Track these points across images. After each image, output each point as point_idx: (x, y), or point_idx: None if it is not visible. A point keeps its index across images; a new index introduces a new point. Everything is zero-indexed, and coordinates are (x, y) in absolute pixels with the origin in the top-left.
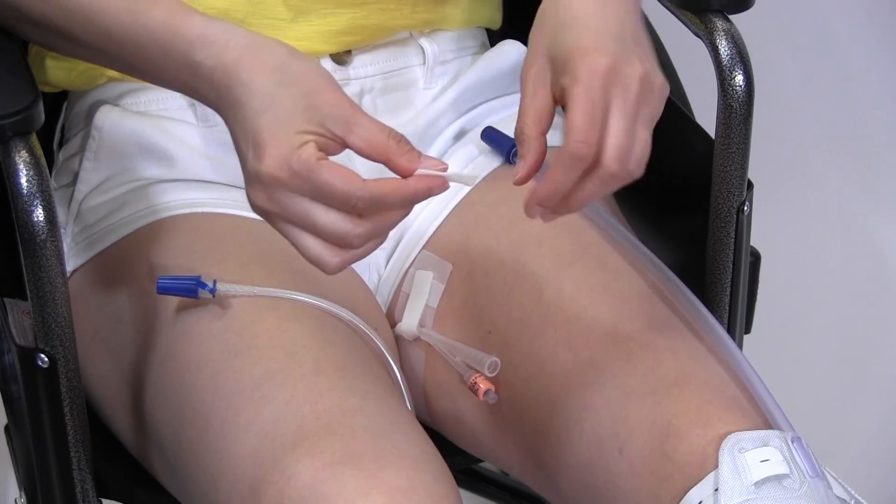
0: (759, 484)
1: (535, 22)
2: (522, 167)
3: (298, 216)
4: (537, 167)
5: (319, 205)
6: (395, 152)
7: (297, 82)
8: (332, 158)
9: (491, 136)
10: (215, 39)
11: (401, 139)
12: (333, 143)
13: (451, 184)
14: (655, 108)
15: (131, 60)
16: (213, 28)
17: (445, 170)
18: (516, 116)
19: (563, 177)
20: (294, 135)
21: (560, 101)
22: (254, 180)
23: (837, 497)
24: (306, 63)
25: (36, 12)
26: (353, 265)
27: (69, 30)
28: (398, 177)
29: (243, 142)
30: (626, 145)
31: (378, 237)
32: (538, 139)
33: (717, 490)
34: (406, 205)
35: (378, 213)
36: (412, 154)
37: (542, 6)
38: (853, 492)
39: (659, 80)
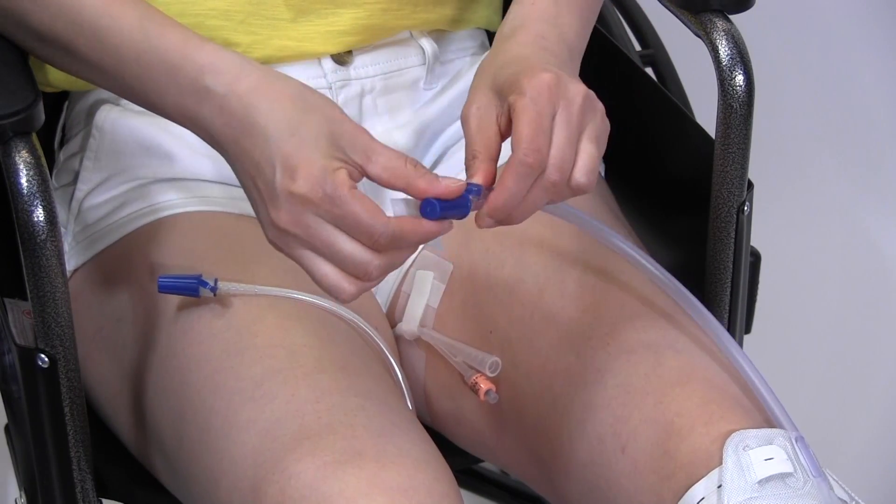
0: (762, 482)
1: (475, 74)
2: (476, 179)
3: (323, 242)
4: (490, 183)
5: (343, 234)
6: (414, 176)
7: (317, 110)
8: None
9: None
10: (227, 68)
11: (416, 164)
12: (356, 172)
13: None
14: (600, 126)
15: (132, 81)
16: (225, 57)
17: (463, 188)
18: None
19: (514, 186)
20: (325, 159)
21: (505, 133)
22: (281, 201)
23: (839, 498)
24: (320, 94)
25: (42, 25)
26: None
27: (74, 45)
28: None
29: (266, 165)
30: (569, 155)
31: (392, 270)
32: (489, 162)
33: (720, 487)
34: (420, 243)
35: (395, 249)
36: (429, 177)
37: (479, 64)
38: (853, 494)
39: (601, 103)
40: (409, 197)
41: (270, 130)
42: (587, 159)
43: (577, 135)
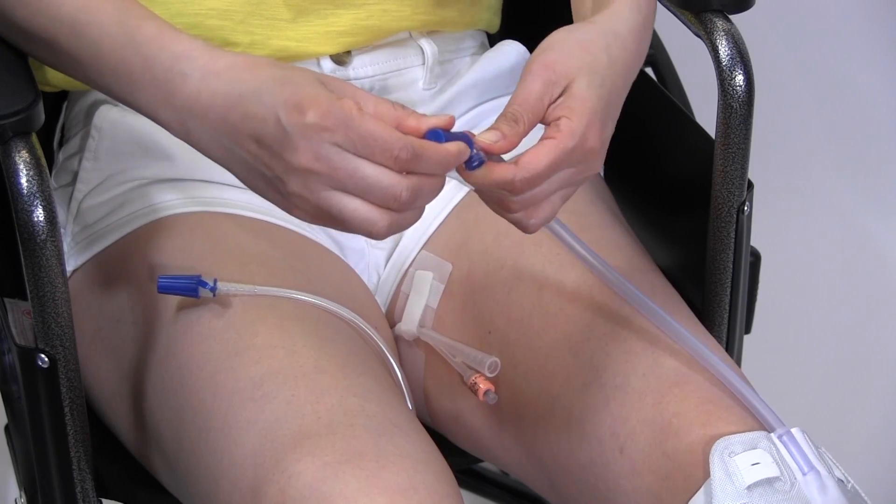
0: (751, 488)
1: (580, 36)
2: (497, 141)
3: (346, 172)
4: (509, 150)
5: (364, 159)
6: (404, 116)
7: (303, 69)
8: None
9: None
10: (198, 55)
11: (404, 107)
12: None
13: (454, 182)
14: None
15: (110, 77)
16: (198, 46)
17: (453, 121)
18: None
19: (487, 184)
20: (327, 91)
21: (545, 120)
22: (296, 139)
23: (838, 480)
24: (298, 65)
25: (23, 21)
26: (353, 266)
27: (55, 41)
28: None
29: (267, 120)
30: (539, 201)
31: (419, 204)
32: (524, 133)
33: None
34: (443, 167)
35: (419, 173)
36: (418, 115)
37: (589, 34)
38: (847, 476)
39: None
40: None
41: (261, 88)
42: (548, 211)
43: (559, 191)
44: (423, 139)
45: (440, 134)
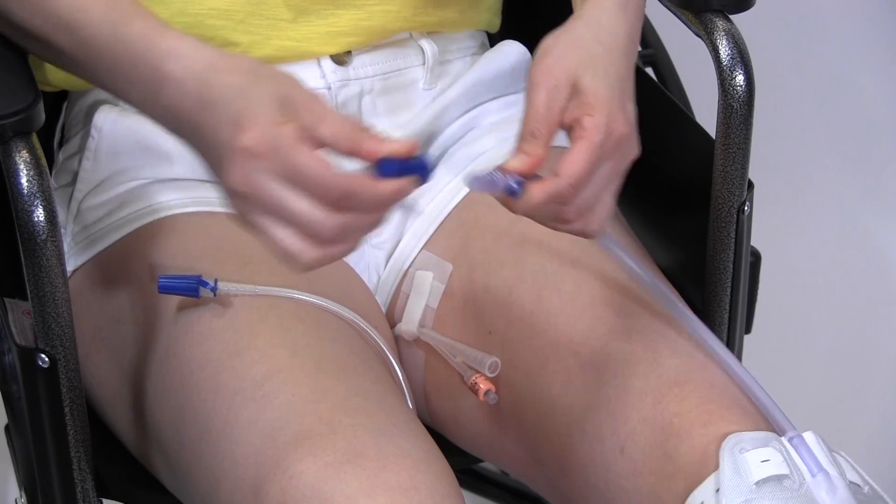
0: (759, 484)
1: (568, 35)
2: (524, 160)
3: (272, 199)
4: (538, 166)
5: (293, 191)
6: (361, 139)
7: (270, 80)
8: None
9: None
10: (185, 52)
11: (365, 127)
12: (306, 135)
13: (454, 182)
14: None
15: (105, 75)
16: (185, 42)
17: (414, 148)
18: (516, 116)
19: (540, 202)
20: (273, 114)
21: (567, 125)
22: (230, 159)
23: (850, 483)
24: (276, 69)
25: (23, 22)
26: (353, 266)
27: (54, 40)
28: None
29: (218, 130)
30: (593, 204)
31: (351, 240)
32: (544, 148)
33: (717, 490)
34: (379, 206)
35: (351, 211)
36: (376, 139)
37: (578, 30)
38: (867, 477)
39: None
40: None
41: (222, 102)
42: (604, 211)
43: (607, 187)
44: (365, 174)
45: (392, 164)
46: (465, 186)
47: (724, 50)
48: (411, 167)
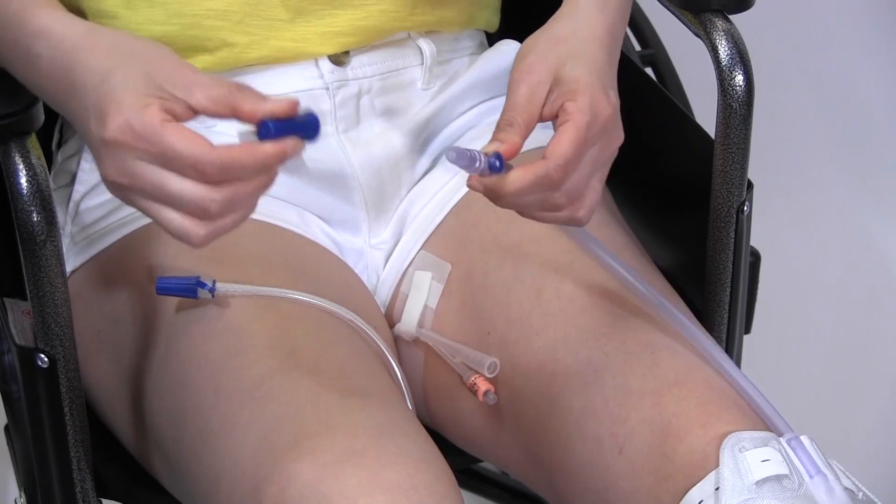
0: (759, 483)
1: (547, 34)
2: (499, 147)
3: (151, 185)
4: (513, 153)
5: (171, 172)
6: (239, 100)
7: (133, 57)
8: None
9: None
10: (53, 32)
11: (243, 87)
12: (179, 106)
13: (453, 182)
14: (610, 164)
15: (3, 62)
16: (55, 21)
17: (295, 106)
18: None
19: (527, 187)
20: (136, 97)
21: (550, 116)
22: (101, 151)
23: (845, 488)
24: (144, 41)
25: None
26: (352, 265)
27: None
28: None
29: (87, 120)
30: (582, 188)
31: (241, 208)
32: (520, 137)
33: (717, 489)
34: (262, 171)
35: (233, 182)
36: (254, 98)
37: (556, 28)
38: (860, 485)
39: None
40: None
41: (86, 86)
42: (593, 198)
43: (595, 172)
44: (236, 145)
45: (269, 126)
46: (446, 159)
47: (724, 50)
48: (296, 126)
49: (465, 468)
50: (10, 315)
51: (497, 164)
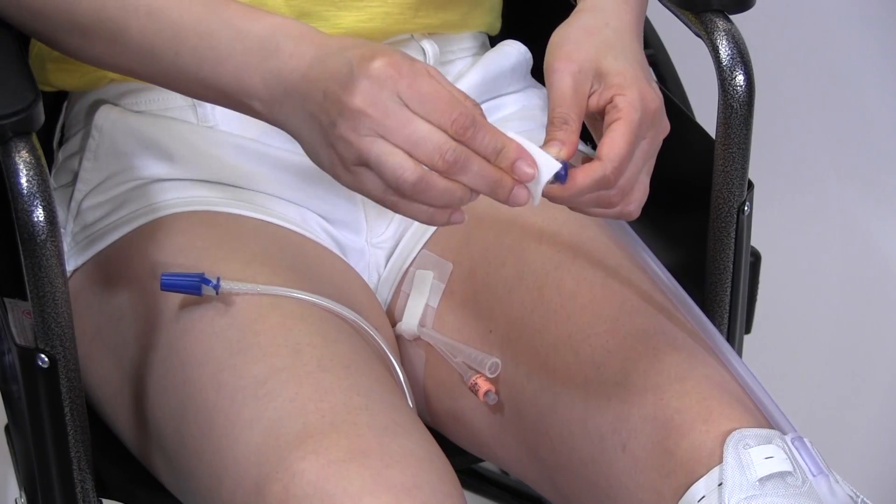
0: (763, 480)
1: (578, 24)
2: (560, 148)
3: (399, 121)
4: (573, 154)
5: (420, 117)
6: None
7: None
8: None
9: None
10: (294, 27)
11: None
12: None
13: None
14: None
15: (187, 56)
16: (292, 22)
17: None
18: (518, 114)
19: (585, 187)
20: (404, 54)
21: (596, 109)
22: (359, 80)
23: (845, 494)
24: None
25: (89, 16)
26: (354, 265)
27: (125, 28)
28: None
29: (340, 70)
30: (633, 184)
31: (462, 175)
32: (576, 134)
33: (720, 485)
34: (493, 149)
35: (469, 151)
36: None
37: (584, 19)
38: (857, 492)
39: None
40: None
41: (346, 46)
42: (642, 192)
43: (644, 167)
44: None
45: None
46: None
47: (724, 50)
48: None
49: (466, 468)
50: (10, 315)
51: (563, 173)
